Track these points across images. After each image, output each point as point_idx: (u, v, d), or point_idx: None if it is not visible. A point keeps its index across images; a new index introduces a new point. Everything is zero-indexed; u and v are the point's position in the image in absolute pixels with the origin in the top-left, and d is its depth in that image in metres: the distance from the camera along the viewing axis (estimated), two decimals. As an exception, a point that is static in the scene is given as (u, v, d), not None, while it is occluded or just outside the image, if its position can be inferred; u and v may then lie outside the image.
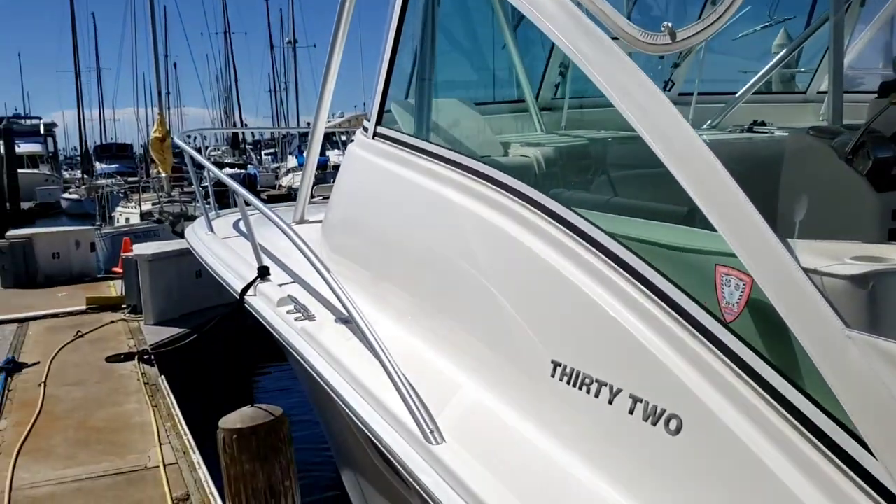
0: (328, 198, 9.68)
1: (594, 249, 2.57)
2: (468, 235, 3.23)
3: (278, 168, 53.47)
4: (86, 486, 5.45)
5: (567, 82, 5.41)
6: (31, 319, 10.87)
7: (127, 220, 19.23)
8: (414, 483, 2.66)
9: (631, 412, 2.31)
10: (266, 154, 61.13)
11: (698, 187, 2.17)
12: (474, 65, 5.54)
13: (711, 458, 2.11)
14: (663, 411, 2.22)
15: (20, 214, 29.95)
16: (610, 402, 2.39)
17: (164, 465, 5.71)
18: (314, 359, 3.57)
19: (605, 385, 2.41)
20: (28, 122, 59.46)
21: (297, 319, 3.96)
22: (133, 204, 20.89)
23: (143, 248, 10.73)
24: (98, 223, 18.49)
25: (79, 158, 67.53)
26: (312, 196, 9.20)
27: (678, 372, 2.20)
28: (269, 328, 4.19)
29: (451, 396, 3.00)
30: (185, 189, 22.15)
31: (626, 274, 2.44)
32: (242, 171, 38.18)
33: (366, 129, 4.51)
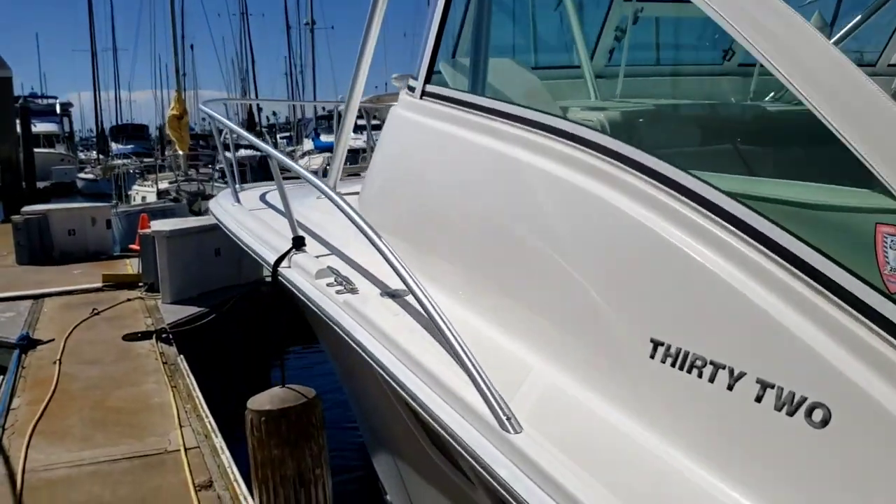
0: (351, 175, 9.30)
1: (706, 211, 2.19)
2: (541, 198, 2.85)
3: (293, 151, 53.15)
4: (102, 469, 5.13)
5: (623, 48, 5.02)
6: (46, 296, 10.57)
7: (143, 198, 18.89)
8: (488, 477, 2.30)
9: (758, 400, 1.94)
10: (281, 137, 60.71)
11: (858, 125, 1.78)
12: (522, 27, 5.14)
13: (872, 458, 1.74)
14: (803, 399, 1.85)
15: (36, 193, 29.55)
16: (729, 388, 2.02)
17: (186, 450, 5.37)
18: (360, 334, 3.20)
19: (723, 368, 2.04)
20: (44, 101, 59.17)
21: (338, 293, 3.60)
22: (149, 183, 20.56)
23: (160, 225, 10.40)
24: (114, 201, 18.20)
25: (94, 140, 67.32)
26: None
27: (824, 352, 1.82)
28: (305, 302, 3.82)
29: (521, 380, 2.63)
30: (201, 169, 21.82)
31: (749, 238, 2.06)
32: (258, 153, 37.95)
33: (411, 89, 4.14)
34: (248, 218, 5.35)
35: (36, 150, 37.68)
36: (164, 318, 9.27)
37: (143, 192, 19.64)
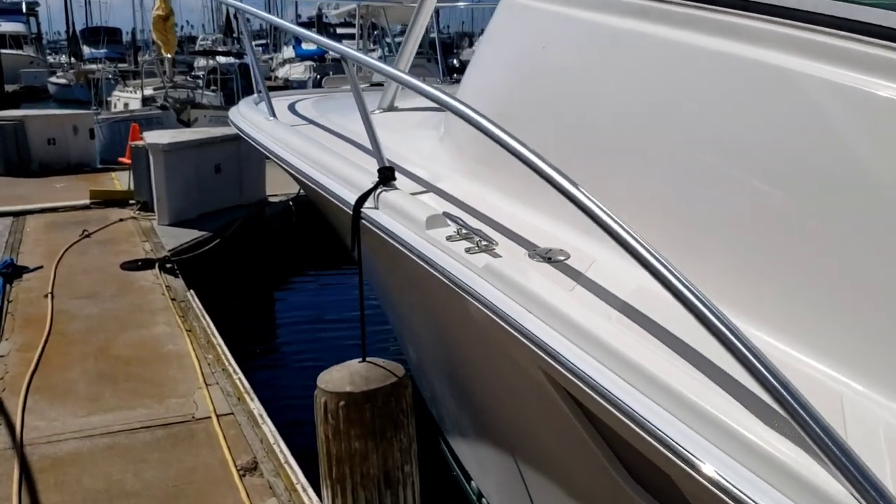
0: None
1: None
2: (855, 133, 1.84)
3: (271, 59, 51.09)
4: (119, 442, 4.14)
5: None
6: (27, 213, 9.42)
7: (126, 105, 17.37)
8: None
9: None
10: (256, 45, 58.25)
11: None
12: None
13: None
14: None
15: (5, 97, 27.66)
16: None
17: (217, 416, 4.39)
18: (531, 324, 2.19)
19: None
20: None
21: (468, 251, 2.58)
22: (132, 89, 18.95)
23: (155, 137, 9.19)
24: (95, 108, 16.75)
25: (63, 42, 64.11)
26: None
27: None
28: (413, 259, 2.79)
29: (837, 412, 1.66)
30: (176, 76, 20.19)
31: None
32: (237, 60, 35.89)
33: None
34: (293, 137, 4.24)
35: (2, 51, 35.57)
36: (164, 242, 8.19)
37: (126, 99, 18.05)
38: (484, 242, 2.60)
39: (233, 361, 5.11)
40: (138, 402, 4.60)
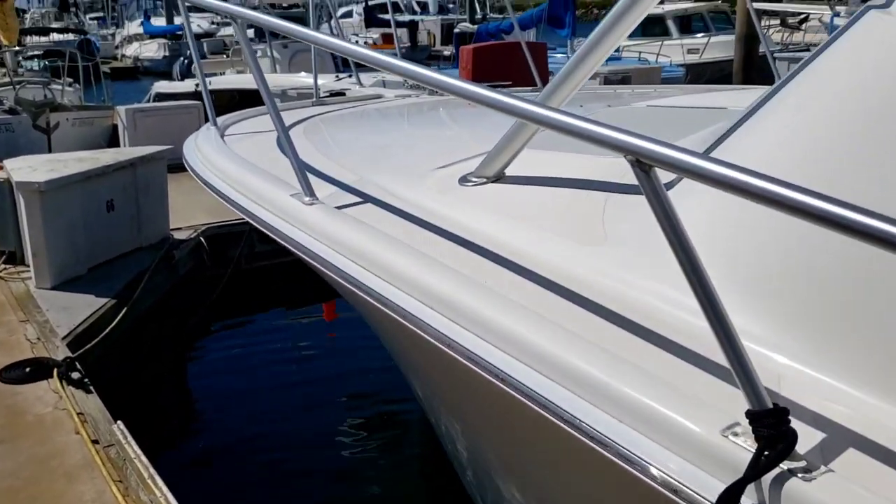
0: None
1: None
2: None
3: (112, 35, 46.77)
4: None
5: None
6: None
7: (-46, 107, 13.98)
8: None
9: None
10: (91, 19, 52.99)
11: None
12: None
13: None
14: None
15: None
16: None
17: None
18: None
19: None
20: None
21: None
22: (-37, 85, 15.49)
23: (25, 172, 6.78)
24: None
25: None
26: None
27: None
28: None
29: None
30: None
31: None
32: (81, 36, 31.71)
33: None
34: (434, 275, 2.24)
35: None
36: (52, 321, 5.94)
37: (-42, 97, 14.65)
38: None
39: None
40: None
